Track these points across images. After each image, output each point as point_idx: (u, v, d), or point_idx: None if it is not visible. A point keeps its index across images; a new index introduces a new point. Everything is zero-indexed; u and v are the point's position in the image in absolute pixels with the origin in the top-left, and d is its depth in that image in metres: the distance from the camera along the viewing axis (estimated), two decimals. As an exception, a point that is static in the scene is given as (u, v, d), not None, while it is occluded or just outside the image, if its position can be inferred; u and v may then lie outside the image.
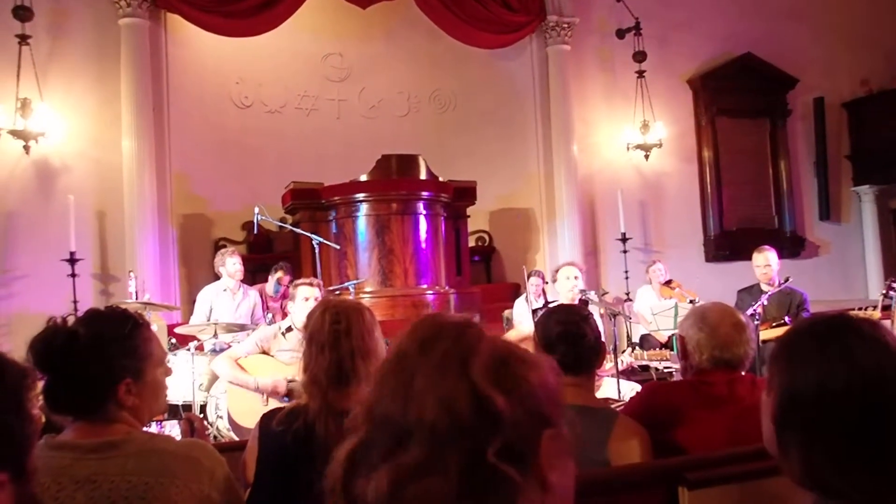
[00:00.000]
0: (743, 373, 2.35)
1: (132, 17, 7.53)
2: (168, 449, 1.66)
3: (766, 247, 5.82)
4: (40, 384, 1.55)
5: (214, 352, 5.24)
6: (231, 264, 6.15)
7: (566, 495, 0.87)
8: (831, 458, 1.06)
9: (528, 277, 6.89)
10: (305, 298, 4.25)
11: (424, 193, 7.20)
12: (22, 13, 6.98)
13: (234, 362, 4.35)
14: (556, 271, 5.29)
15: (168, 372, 1.82)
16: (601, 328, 4.88)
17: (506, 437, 0.81)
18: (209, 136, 8.49)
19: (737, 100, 9.97)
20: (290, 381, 4.19)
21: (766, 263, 5.66)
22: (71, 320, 1.67)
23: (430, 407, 0.82)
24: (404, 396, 0.84)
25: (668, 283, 7.59)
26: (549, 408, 0.86)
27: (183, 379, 5.26)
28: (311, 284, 4.36)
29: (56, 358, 1.58)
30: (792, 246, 9.83)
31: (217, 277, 6.44)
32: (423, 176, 7.34)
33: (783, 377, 1.15)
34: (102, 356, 1.62)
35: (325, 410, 2.02)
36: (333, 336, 2.11)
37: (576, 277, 5.09)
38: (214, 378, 4.96)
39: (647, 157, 9.35)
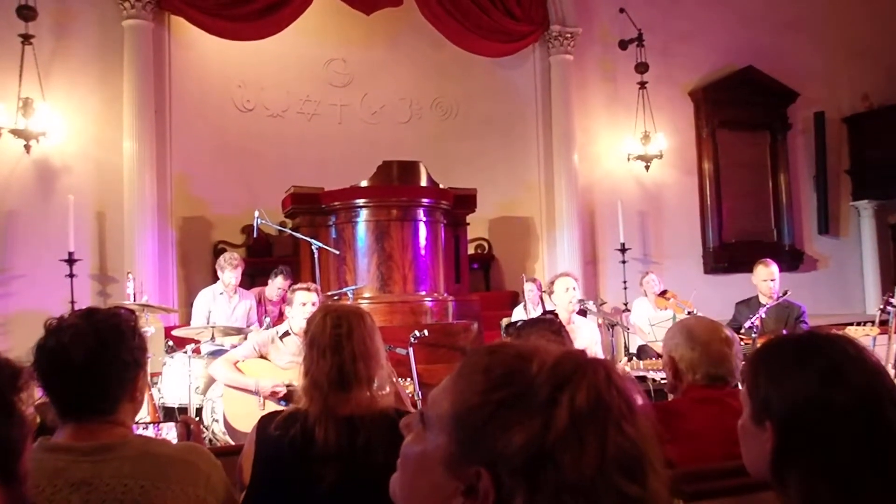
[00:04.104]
0: (735, 386, 2.35)
1: (136, 19, 7.53)
2: (164, 452, 1.65)
3: (769, 260, 5.79)
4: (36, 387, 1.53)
5: (211, 355, 5.22)
6: (229, 276, 6.11)
7: None
8: (835, 487, 1.04)
9: (525, 283, 6.90)
10: (303, 303, 4.25)
11: (424, 200, 7.20)
12: (26, 13, 6.98)
13: (232, 365, 4.35)
14: (553, 283, 5.25)
15: None
16: (599, 338, 4.89)
17: None
18: (210, 138, 8.49)
19: (738, 112, 10.00)
20: (287, 386, 4.19)
21: (770, 277, 5.63)
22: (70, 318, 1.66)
23: None
24: None
25: (662, 293, 7.59)
26: None
27: (179, 382, 5.25)
28: (308, 289, 4.35)
29: (80, 359, 1.57)
30: (790, 259, 9.83)
31: (216, 278, 6.43)
32: (423, 183, 7.33)
33: (779, 400, 1.13)
34: (126, 351, 1.63)
35: (326, 415, 2.01)
36: (335, 340, 2.10)
37: (574, 289, 5.07)
38: (211, 381, 4.94)
39: (647, 167, 9.36)
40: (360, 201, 6.99)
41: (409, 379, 4.86)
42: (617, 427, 0.75)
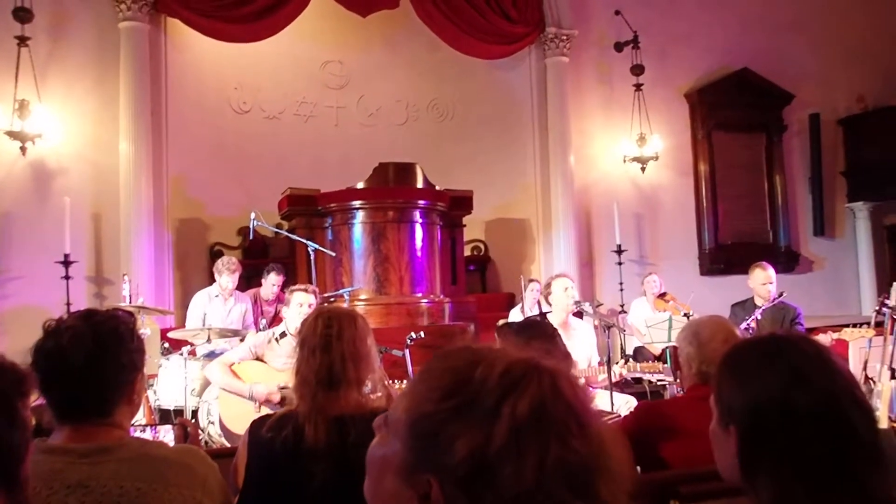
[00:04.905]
0: None
1: (132, 21, 7.53)
2: (161, 455, 1.65)
3: (766, 263, 5.79)
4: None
5: (207, 357, 5.22)
6: (226, 281, 6.10)
7: None
8: (807, 488, 1.04)
9: (529, 283, 6.90)
10: (300, 304, 4.25)
11: (421, 202, 7.20)
12: (22, 15, 6.98)
13: (227, 368, 4.34)
14: (549, 284, 5.25)
15: None
16: (595, 340, 4.89)
17: None
18: (207, 140, 8.48)
19: (733, 114, 10.01)
20: (282, 388, 4.19)
21: (768, 280, 5.63)
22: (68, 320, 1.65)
23: None
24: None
25: (662, 295, 7.60)
26: None
27: (175, 384, 5.24)
28: (306, 291, 4.36)
29: (79, 361, 1.56)
30: (786, 261, 9.85)
31: (213, 280, 6.42)
32: (419, 184, 7.34)
33: (741, 404, 1.13)
34: (124, 354, 1.62)
35: (315, 413, 2.02)
36: (325, 340, 2.13)
37: (572, 289, 5.07)
38: (207, 383, 4.94)
39: (643, 169, 9.38)
40: (357, 203, 6.99)
41: (405, 381, 4.85)
42: (560, 439, 0.72)
